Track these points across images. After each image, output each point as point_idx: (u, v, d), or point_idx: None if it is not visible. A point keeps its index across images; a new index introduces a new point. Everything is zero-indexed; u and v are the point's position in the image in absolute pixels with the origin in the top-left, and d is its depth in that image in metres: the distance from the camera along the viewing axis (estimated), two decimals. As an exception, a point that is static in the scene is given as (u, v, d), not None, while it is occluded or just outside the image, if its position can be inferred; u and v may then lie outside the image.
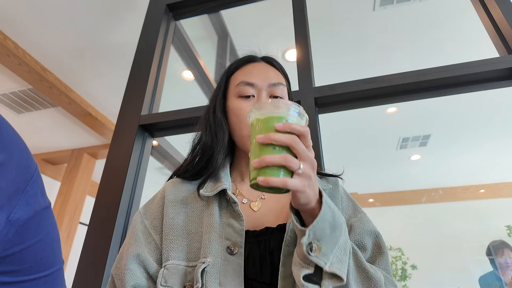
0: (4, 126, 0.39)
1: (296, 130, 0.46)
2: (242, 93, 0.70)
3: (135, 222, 0.66)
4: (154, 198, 0.71)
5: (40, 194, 0.43)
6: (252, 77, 0.71)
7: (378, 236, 0.64)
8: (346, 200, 0.70)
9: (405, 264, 4.29)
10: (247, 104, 0.69)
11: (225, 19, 2.18)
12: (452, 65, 1.13)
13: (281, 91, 0.71)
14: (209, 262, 0.54)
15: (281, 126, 0.45)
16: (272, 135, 0.44)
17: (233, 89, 0.72)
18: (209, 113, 0.74)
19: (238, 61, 0.78)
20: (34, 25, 2.26)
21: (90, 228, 1.16)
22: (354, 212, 0.68)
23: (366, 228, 0.64)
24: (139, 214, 0.68)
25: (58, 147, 3.97)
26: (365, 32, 2.30)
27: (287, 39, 1.49)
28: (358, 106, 1.24)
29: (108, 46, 2.45)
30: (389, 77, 1.17)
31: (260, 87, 0.70)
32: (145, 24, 1.68)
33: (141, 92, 1.43)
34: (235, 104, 0.70)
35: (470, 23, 2.12)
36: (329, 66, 2.49)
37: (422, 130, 3.45)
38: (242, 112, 0.68)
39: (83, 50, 2.50)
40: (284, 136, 0.45)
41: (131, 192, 1.25)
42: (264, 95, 0.69)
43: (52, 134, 3.65)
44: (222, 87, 0.76)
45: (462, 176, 4.45)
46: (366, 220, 0.66)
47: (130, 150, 1.28)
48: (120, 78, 2.56)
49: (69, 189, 3.59)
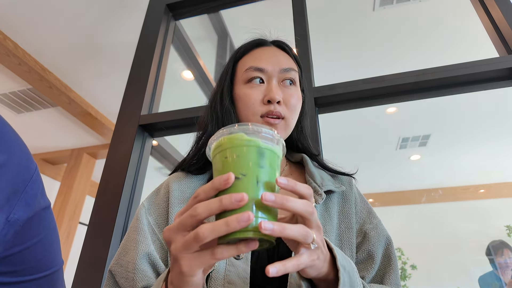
0: (5, 126, 0.40)
1: (301, 193, 0.38)
2: (251, 79, 0.65)
3: (140, 216, 0.62)
4: (158, 192, 0.67)
5: (40, 194, 0.43)
6: (261, 62, 0.66)
7: (390, 244, 0.62)
8: (361, 202, 0.67)
9: (404, 264, 4.30)
10: (256, 91, 0.64)
11: (225, 19, 2.18)
12: (451, 65, 1.13)
13: (293, 77, 0.67)
14: (214, 267, 0.51)
15: (284, 183, 0.36)
16: (289, 200, 0.35)
17: (241, 75, 0.67)
18: (216, 101, 0.69)
19: (247, 45, 0.72)
20: (34, 25, 2.26)
21: (90, 228, 1.16)
22: (369, 217, 0.65)
23: (381, 237, 0.62)
24: (143, 208, 0.64)
25: (58, 147, 3.97)
26: (364, 32, 2.30)
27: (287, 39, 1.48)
28: (358, 106, 1.24)
29: (108, 46, 2.45)
30: (389, 77, 1.17)
31: (270, 73, 0.65)
32: (145, 24, 1.68)
33: (141, 92, 1.43)
34: (243, 91, 0.65)
35: (470, 23, 2.12)
36: (329, 66, 2.49)
37: (422, 130, 3.45)
38: (251, 100, 0.64)
39: (83, 50, 2.50)
40: (302, 204, 0.36)
41: (130, 192, 1.25)
42: (274, 82, 0.65)
43: (51, 134, 3.65)
44: (229, 72, 0.70)
45: (462, 176, 4.45)
46: (382, 228, 0.63)
47: (130, 150, 1.28)
48: (120, 78, 2.56)
49: (68, 189, 3.58)
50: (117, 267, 0.57)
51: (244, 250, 0.35)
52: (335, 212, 0.63)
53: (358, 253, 0.60)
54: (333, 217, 0.62)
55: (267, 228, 0.32)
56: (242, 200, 0.33)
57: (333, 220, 0.62)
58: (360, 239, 0.62)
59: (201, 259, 0.35)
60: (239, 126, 0.39)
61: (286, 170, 0.73)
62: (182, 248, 0.35)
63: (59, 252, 0.51)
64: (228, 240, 0.34)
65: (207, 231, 0.33)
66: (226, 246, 0.35)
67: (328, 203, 0.64)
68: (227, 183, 0.34)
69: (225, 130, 0.39)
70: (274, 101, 0.63)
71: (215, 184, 0.35)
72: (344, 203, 0.65)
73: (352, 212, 0.64)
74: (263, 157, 0.38)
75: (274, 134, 0.39)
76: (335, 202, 0.65)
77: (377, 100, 1.22)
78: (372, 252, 0.59)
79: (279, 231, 0.33)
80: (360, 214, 0.65)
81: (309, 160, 0.72)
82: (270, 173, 0.38)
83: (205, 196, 0.36)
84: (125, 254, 0.58)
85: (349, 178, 0.71)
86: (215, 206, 0.34)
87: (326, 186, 0.64)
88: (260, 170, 0.37)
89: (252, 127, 0.39)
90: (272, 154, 0.39)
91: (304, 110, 0.76)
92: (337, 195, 0.66)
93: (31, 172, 0.42)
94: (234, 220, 0.32)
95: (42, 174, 3.90)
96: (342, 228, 0.62)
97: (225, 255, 0.34)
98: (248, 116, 0.64)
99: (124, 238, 0.62)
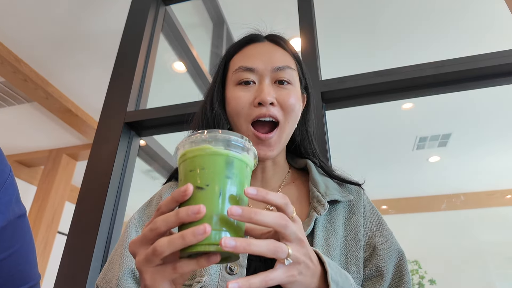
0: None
1: (274, 203, 0.39)
2: (240, 80, 0.67)
3: (129, 230, 0.65)
4: (149, 204, 0.70)
5: (14, 200, 0.43)
6: (252, 60, 0.68)
7: (402, 259, 0.62)
8: (370, 213, 0.68)
9: (422, 278, 4.30)
10: (247, 93, 0.66)
11: (220, 4, 2.18)
12: (475, 56, 1.13)
13: (288, 76, 0.67)
14: (205, 282, 0.53)
15: (252, 194, 0.37)
16: (258, 213, 0.36)
17: (231, 76, 0.70)
18: (206, 105, 0.72)
19: (238, 42, 0.74)
20: (8, 13, 2.26)
21: (69, 238, 1.16)
22: (379, 228, 0.65)
23: (392, 251, 0.62)
24: (134, 221, 0.67)
25: (34, 147, 3.97)
26: (378, 19, 2.30)
27: (291, 26, 1.48)
28: (370, 101, 1.24)
29: (89, 34, 2.45)
30: (405, 69, 1.17)
31: (261, 72, 0.66)
32: (131, 9, 1.68)
33: (127, 86, 1.43)
34: (232, 93, 0.67)
35: (497, 9, 2.12)
36: (337, 57, 2.49)
37: (442, 128, 3.45)
38: (240, 103, 0.65)
39: (62, 39, 2.49)
40: (273, 217, 0.37)
41: (115, 197, 1.25)
42: (267, 82, 0.66)
43: (27, 132, 3.65)
44: (220, 74, 0.73)
45: (486, 180, 4.45)
46: (393, 242, 0.64)
47: (115, 151, 1.28)
48: (103, 70, 2.56)
49: (46, 194, 3.58)
50: (102, 282, 0.61)
51: (205, 264, 0.37)
52: (341, 223, 0.64)
53: (366, 268, 0.61)
54: (338, 229, 0.63)
55: (228, 245, 0.34)
56: (199, 213, 0.35)
57: (338, 232, 0.62)
58: (369, 253, 0.62)
59: (163, 273, 0.37)
60: (207, 133, 0.40)
61: (288, 177, 0.74)
62: (144, 262, 0.37)
63: (36, 265, 0.51)
64: (188, 253, 0.36)
65: (164, 245, 0.35)
66: (187, 260, 0.37)
67: (333, 213, 0.65)
68: (185, 195, 0.36)
69: (192, 137, 0.41)
70: (265, 103, 0.64)
71: (174, 196, 0.37)
72: (351, 213, 0.66)
73: (360, 224, 0.65)
74: (231, 167, 0.40)
75: (244, 142, 0.41)
76: (341, 213, 0.66)
77: (392, 95, 1.22)
78: (382, 268, 0.60)
79: (243, 247, 0.35)
80: (369, 226, 0.66)
81: (314, 167, 0.73)
82: (238, 184, 0.39)
83: (166, 209, 0.38)
84: (111, 269, 0.61)
85: (358, 188, 0.72)
86: (172, 219, 0.36)
87: (330, 195, 0.65)
88: (225, 180, 0.39)
89: (223, 134, 0.40)
90: (240, 163, 0.41)
91: (309, 110, 0.77)
92: (344, 204, 0.67)
93: (4, 177, 0.42)
94: (190, 234, 0.34)
95: (16, 178, 3.89)
96: (348, 241, 0.62)
97: (186, 269, 0.37)
98: (239, 122, 0.66)
99: (112, 251, 0.65)
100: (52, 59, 2.70)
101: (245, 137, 0.42)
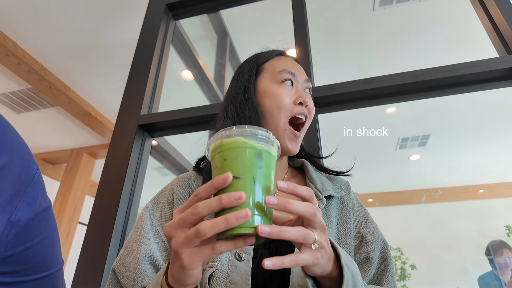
0: (6, 127, 0.40)
1: (302, 195, 0.40)
2: (285, 79, 0.69)
3: (144, 218, 0.64)
4: (161, 194, 0.69)
5: (41, 195, 0.43)
6: (293, 68, 0.72)
7: (386, 248, 0.64)
8: (358, 207, 0.69)
9: (404, 264, 4.30)
10: (289, 92, 0.68)
11: (224, 19, 2.18)
12: (451, 65, 1.14)
13: (311, 87, 0.74)
14: (217, 267, 0.53)
15: (284, 187, 0.38)
16: (291, 203, 0.37)
17: (272, 76, 0.70)
18: (239, 99, 0.69)
19: (271, 52, 0.77)
20: (34, 25, 2.26)
21: (89, 228, 1.16)
22: (366, 221, 0.67)
23: (378, 240, 0.64)
24: (148, 210, 0.66)
25: (58, 147, 3.96)
26: (364, 32, 2.30)
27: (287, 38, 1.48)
28: (357, 106, 1.24)
29: (107, 45, 2.45)
30: (388, 77, 1.17)
31: (299, 79, 0.71)
32: (145, 23, 1.68)
33: (140, 92, 1.43)
34: (277, 90, 0.68)
35: (469, 23, 2.12)
36: (328, 66, 2.49)
37: (422, 130, 3.45)
38: (285, 100, 0.67)
39: (83, 49, 2.50)
40: (304, 206, 0.38)
41: (130, 191, 1.25)
42: (300, 88, 0.70)
43: (51, 133, 3.65)
44: (253, 73, 0.72)
45: (461, 176, 4.45)
46: (378, 233, 0.65)
47: (130, 150, 1.28)
48: (119, 77, 2.56)
49: (68, 189, 3.58)
50: (119, 266, 0.60)
51: (242, 245, 0.37)
52: (334, 216, 0.65)
53: (356, 256, 0.62)
54: (333, 221, 0.64)
55: (265, 231, 0.35)
56: (240, 198, 0.35)
57: (332, 224, 0.64)
58: (358, 242, 0.64)
59: (202, 253, 0.37)
60: (236, 128, 0.41)
61: (288, 174, 0.75)
62: (183, 243, 0.37)
63: (59, 253, 0.51)
64: (226, 235, 0.37)
65: (208, 228, 0.35)
66: (224, 241, 0.37)
67: (328, 207, 0.66)
68: (225, 182, 0.36)
69: (224, 133, 0.41)
70: (305, 104, 0.68)
71: (215, 183, 0.37)
72: (343, 208, 0.68)
73: (350, 217, 0.66)
74: (260, 158, 0.40)
75: (269, 136, 0.42)
76: (334, 207, 0.67)
77: (377, 100, 1.22)
78: (370, 255, 0.61)
79: (277, 234, 0.36)
80: (357, 219, 0.67)
81: (310, 166, 0.74)
82: (266, 173, 0.40)
83: (205, 195, 0.38)
84: (127, 254, 0.60)
85: (347, 183, 0.73)
86: (215, 204, 0.36)
87: (326, 191, 0.66)
88: (257, 170, 0.39)
89: (250, 129, 0.41)
90: (268, 155, 0.41)
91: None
92: (336, 200, 0.69)
93: (32, 173, 0.42)
94: (233, 217, 0.34)
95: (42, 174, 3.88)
96: (340, 232, 0.64)
97: (224, 249, 0.37)
98: (280, 116, 0.66)
99: (128, 238, 0.64)
100: (74, 67, 2.70)
101: (269, 131, 0.42)
